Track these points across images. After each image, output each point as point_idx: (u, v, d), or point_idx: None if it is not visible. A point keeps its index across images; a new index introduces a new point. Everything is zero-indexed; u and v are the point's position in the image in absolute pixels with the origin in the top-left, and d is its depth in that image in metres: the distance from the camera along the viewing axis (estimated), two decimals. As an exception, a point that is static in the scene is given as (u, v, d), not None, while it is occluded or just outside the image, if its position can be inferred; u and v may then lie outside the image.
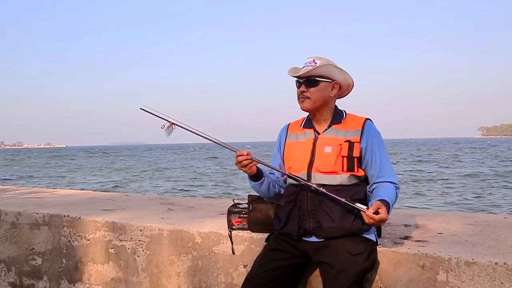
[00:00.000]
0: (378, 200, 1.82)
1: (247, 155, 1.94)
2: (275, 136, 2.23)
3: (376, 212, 1.77)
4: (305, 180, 1.92)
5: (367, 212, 1.77)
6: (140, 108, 1.98)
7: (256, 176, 2.04)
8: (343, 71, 2.02)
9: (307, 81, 1.98)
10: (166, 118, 1.99)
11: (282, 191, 2.14)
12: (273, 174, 2.16)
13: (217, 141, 2.00)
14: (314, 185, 1.88)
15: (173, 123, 1.99)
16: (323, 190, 1.85)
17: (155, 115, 1.99)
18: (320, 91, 1.98)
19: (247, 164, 1.96)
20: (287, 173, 2.01)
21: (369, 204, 1.86)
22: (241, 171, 1.99)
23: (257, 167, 2.02)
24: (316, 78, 1.97)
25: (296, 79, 2.02)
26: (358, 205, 1.80)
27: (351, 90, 2.09)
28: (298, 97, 2.02)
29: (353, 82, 2.06)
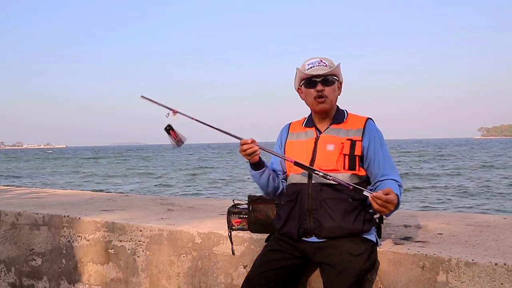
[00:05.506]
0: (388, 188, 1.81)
1: (251, 143, 1.91)
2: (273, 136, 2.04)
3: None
4: (311, 169, 1.88)
5: (374, 193, 1.76)
6: (141, 96, 1.93)
7: (258, 164, 2.00)
8: None
9: (324, 80, 1.96)
10: (168, 107, 1.93)
11: (281, 187, 2.09)
12: (275, 171, 2.12)
13: (221, 130, 1.95)
14: (321, 173, 1.84)
15: (177, 112, 1.93)
16: (330, 177, 1.82)
17: (157, 103, 1.94)
18: (334, 90, 1.99)
19: (252, 153, 1.93)
20: (293, 160, 1.92)
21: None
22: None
23: (259, 156, 1.98)
24: (334, 77, 1.98)
25: (307, 79, 1.99)
26: (365, 191, 1.79)
27: None
28: (314, 98, 1.97)
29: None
